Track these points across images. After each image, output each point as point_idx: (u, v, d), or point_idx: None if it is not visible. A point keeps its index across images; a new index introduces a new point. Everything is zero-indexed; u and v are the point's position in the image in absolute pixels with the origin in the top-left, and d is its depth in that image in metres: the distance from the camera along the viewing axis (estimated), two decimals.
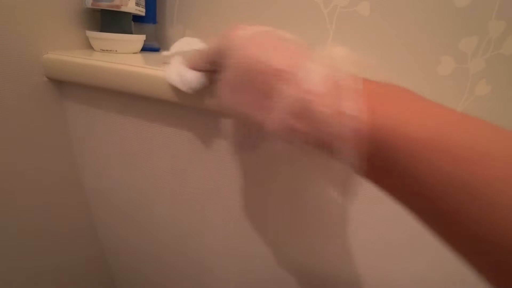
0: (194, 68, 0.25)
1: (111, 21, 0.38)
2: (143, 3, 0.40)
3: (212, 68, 0.23)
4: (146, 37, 0.42)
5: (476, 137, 0.13)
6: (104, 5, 0.36)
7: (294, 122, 0.15)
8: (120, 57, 0.36)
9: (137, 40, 0.40)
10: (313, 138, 0.15)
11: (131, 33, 0.40)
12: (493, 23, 0.41)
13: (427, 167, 0.13)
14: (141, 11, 0.39)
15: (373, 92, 0.15)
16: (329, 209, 0.33)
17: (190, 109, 0.32)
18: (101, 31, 0.38)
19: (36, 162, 0.37)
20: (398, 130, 0.14)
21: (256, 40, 0.19)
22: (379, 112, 0.14)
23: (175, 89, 0.28)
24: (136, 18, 0.42)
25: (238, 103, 0.19)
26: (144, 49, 0.43)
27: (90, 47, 0.39)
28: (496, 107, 0.46)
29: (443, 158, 0.13)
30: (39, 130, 0.37)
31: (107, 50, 0.38)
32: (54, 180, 0.40)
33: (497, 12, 0.41)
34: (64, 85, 0.37)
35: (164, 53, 0.30)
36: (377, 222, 0.33)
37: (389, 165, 0.14)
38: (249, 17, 0.45)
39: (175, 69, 0.26)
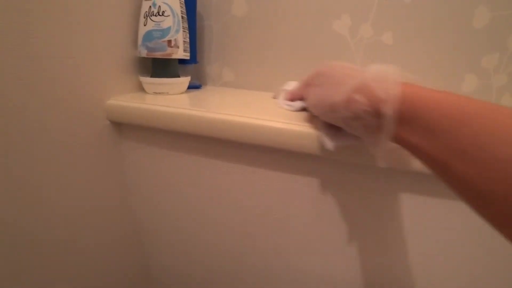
0: (295, 98, 0.39)
1: (162, 67, 0.42)
2: (189, 48, 0.44)
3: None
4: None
5: (476, 102, 0.19)
6: (158, 54, 0.40)
7: (354, 94, 0.23)
8: (171, 98, 0.41)
9: (184, 82, 0.45)
10: (367, 106, 0.22)
11: (178, 75, 0.44)
12: None
13: (444, 121, 0.19)
14: (186, 55, 0.44)
15: (406, 83, 0.22)
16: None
17: (234, 144, 0.36)
18: (152, 76, 0.43)
19: (96, 198, 0.41)
20: (421, 97, 0.20)
21: (334, 65, 0.30)
22: (409, 90, 0.21)
23: (218, 128, 0.34)
24: (181, 60, 0.46)
25: (321, 95, 0.28)
26: (188, 87, 0.47)
27: (142, 89, 0.44)
28: None
29: (455, 114, 0.19)
30: (102, 168, 0.41)
31: (159, 93, 0.43)
32: (111, 213, 0.44)
33: None
34: (123, 127, 0.41)
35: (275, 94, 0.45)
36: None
37: (415, 122, 0.20)
38: (280, 52, 0.49)
39: (284, 102, 0.40)
